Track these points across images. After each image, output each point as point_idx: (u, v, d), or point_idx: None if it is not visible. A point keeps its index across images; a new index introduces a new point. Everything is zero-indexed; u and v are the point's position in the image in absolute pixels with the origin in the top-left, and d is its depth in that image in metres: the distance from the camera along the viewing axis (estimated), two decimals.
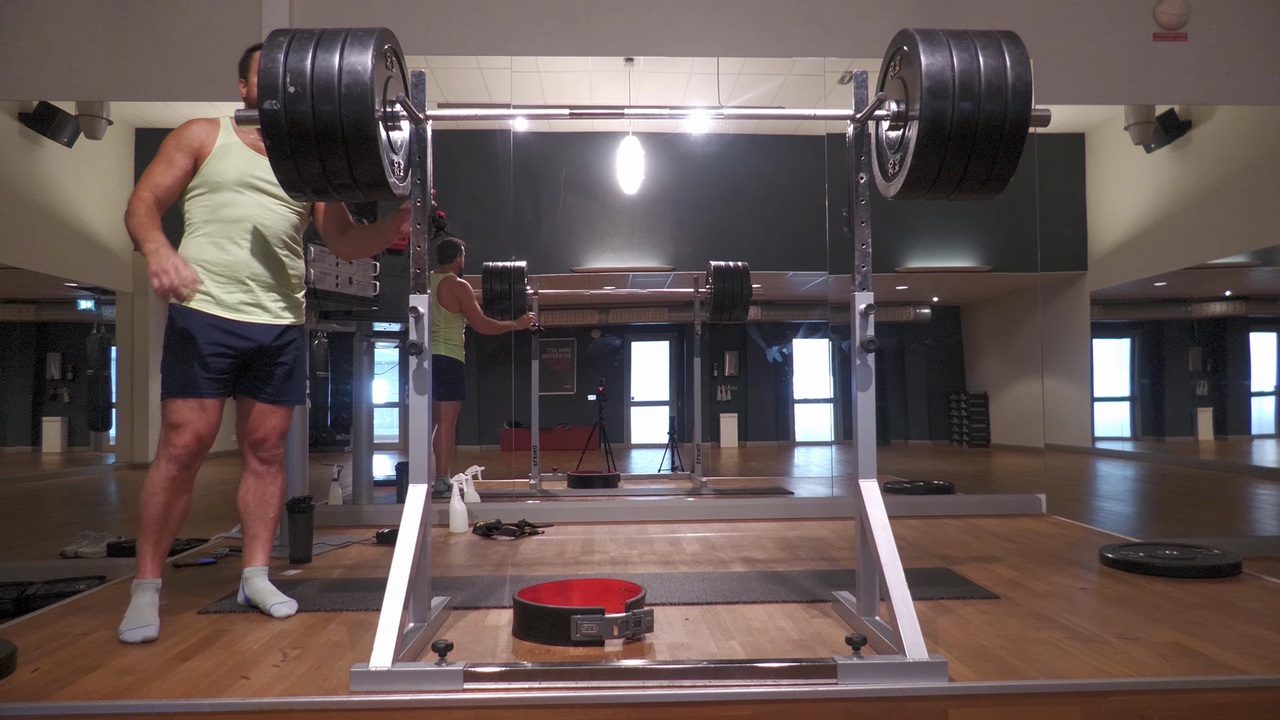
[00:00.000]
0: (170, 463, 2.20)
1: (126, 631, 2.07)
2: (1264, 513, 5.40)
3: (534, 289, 5.20)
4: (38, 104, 4.50)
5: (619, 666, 1.77)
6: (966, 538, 3.45)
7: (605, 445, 6.38)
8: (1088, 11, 4.19)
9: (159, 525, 2.21)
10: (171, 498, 2.21)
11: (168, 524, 2.22)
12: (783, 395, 9.46)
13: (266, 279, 2.35)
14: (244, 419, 2.41)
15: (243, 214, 2.31)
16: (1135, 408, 10.19)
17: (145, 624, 2.09)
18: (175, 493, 2.22)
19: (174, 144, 2.28)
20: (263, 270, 2.34)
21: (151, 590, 2.19)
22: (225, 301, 2.28)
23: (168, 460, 2.20)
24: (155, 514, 2.20)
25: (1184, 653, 1.89)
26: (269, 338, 2.35)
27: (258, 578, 2.40)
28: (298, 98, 1.80)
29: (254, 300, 2.33)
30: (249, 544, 2.43)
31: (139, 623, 2.10)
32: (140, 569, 2.21)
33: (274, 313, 2.37)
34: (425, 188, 2.12)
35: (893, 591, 1.82)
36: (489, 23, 4.10)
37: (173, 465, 2.20)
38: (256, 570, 2.41)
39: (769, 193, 6.09)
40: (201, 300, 2.25)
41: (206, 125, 2.34)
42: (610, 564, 3.02)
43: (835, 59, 4.26)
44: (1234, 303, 9.46)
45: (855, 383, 2.08)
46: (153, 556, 2.21)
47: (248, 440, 2.42)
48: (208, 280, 2.26)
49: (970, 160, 1.89)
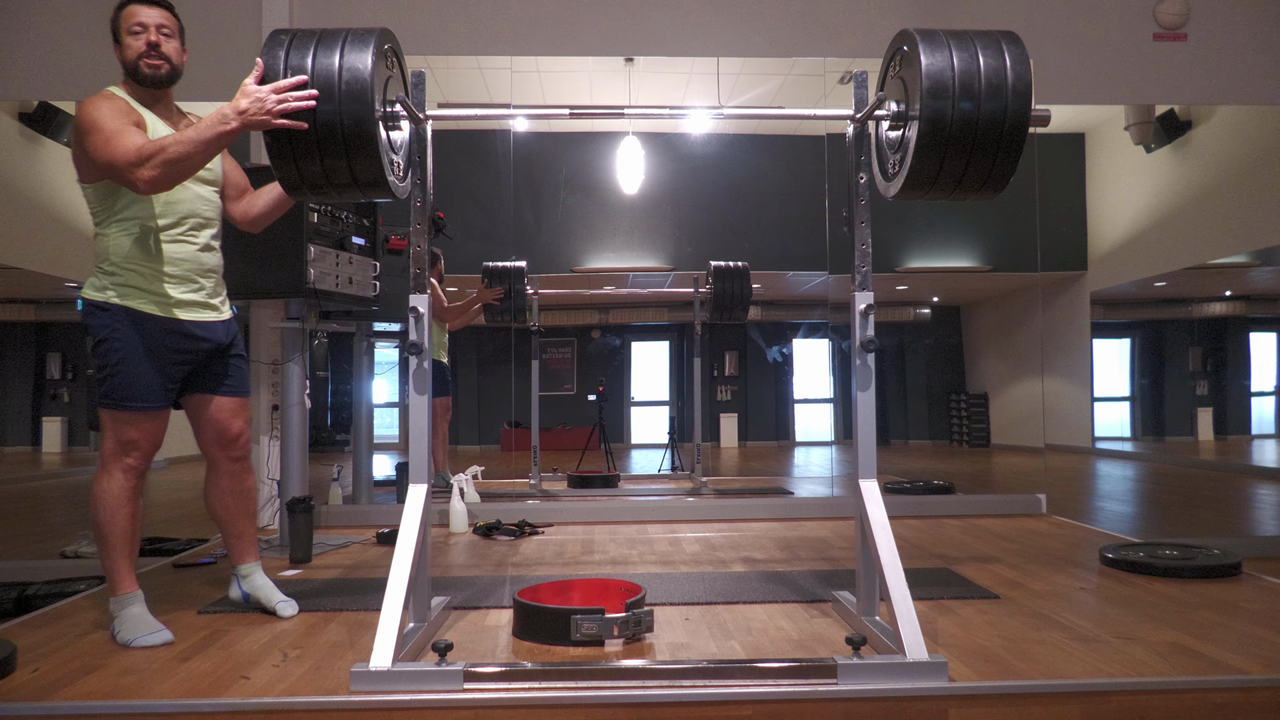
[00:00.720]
0: (127, 474, 2.10)
1: (138, 639, 2.02)
2: (1264, 513, 5.40)
3: (534, 289, 5.20)
4: (38, 104, 4.50)
5: (619, 666, 1.77)
6: (966, 538, 3.45)
7: (605, 445, 6.38)
8: (1088, 11, 4.19)
9: (127, 538, 2.12)
10: (133, 506, 2.12)
11: (135, 535, 2.14)
12: (783, 395, 9.45)
13: (214, 273, 2.26)
14: (208, 420, 2.29)
15: (188, 209, 2.18)
16: (1135, 408, 10.18)
17: (156, 628, 2.06)
18: (135, 501, 2.13)
19: (118, 112, 2.02)
20: (213, 264, 2.25)
21: (139, 602, 2.12)
22: (183, 302, 2.16)
23: (124, 473, 2.10)
24: (124, 527, 2.10)
25: (1184, 653, 1.89)
26: (227, 336, 2.28)
27: (257, 574, 2.37)
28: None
29: (207, 298, 2.23)
30: (237, 541, 2.36)
31: (148, 629, 2.05)
32: (118, 586, 2.11)
33: (221, 310, 2.28)
34: (425, 187, 2.12)
35: (893, 591, 1.82)
36: (489, 23, 4.10)
37: (130, 476, 2.11)
38: (254, 566, 2.38)
39: (769, 193, 6.08)
40: (154, 302, 2.12)
41: (125, 102, 2.10)
42: (610, 564, 3.02)
43: (835, 59, 4.26)
44: (1234, 303, 9.45)
45: (855, 383, 2.08)
46: (128, 570, 2.12)
47: (218, 440, 2.30)
48: (159, 282, 2.12)
49: (970, 160, 1.89)
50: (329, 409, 7.12)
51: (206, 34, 3.90)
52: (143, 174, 1.93)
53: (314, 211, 3.16)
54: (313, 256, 3.11)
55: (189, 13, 3.95)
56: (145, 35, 2.13)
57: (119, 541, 2.11)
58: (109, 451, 2.12)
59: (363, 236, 3.47)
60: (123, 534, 2.11)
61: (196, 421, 2.31)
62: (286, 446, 3.36)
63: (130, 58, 2.14)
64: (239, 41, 3.89)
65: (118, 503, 2.10)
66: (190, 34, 2.28)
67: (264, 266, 3.10)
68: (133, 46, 2.13)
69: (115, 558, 2.11)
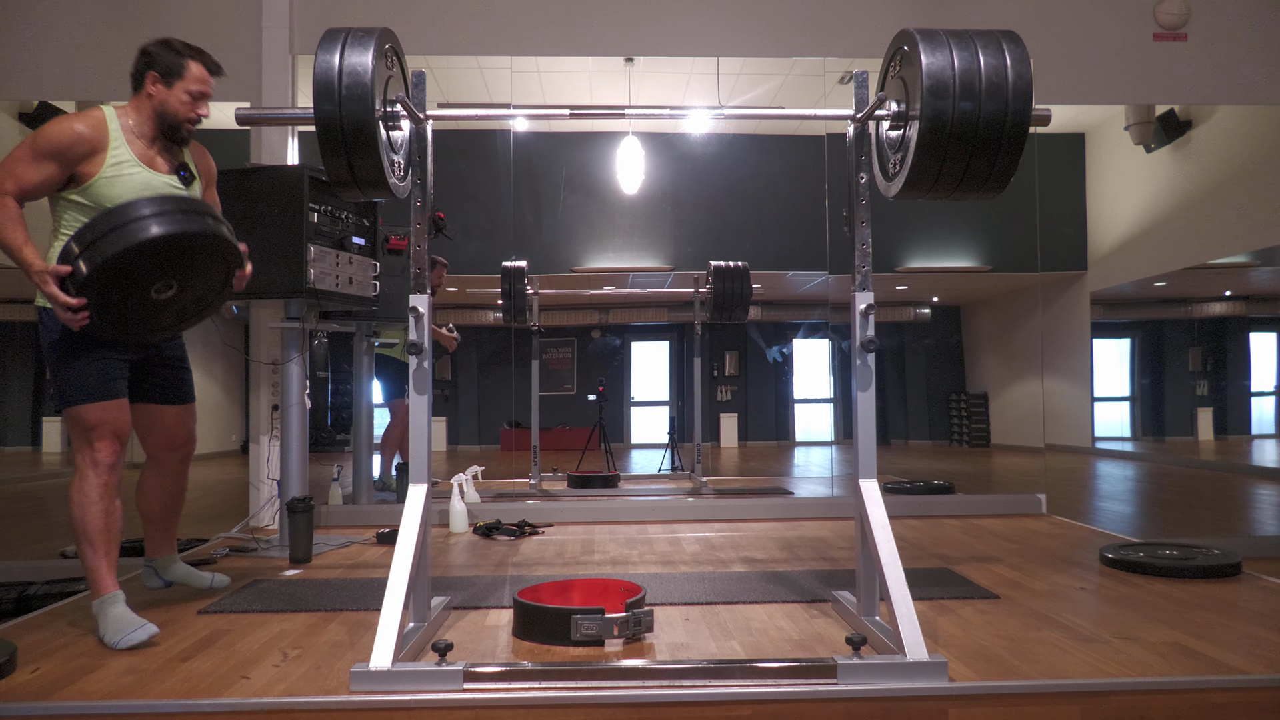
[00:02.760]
0: (97, 472, 2.10)
1: (124, 638, 1.99)
2: (1264, 513, 5.40)
3: (534, 289, 5.20)
4: (38, 104, 4.50)
5: (619, 666, 1.77)
6: (966, 538, 3.45)
7: (605, 445, 6.38)
8: (1088, 11, 4.19)
9: (103, 537, 2.11)
10: (110, 504, 2.12)
11: (114, 533, 2.14)
12: (783, 395, 9.45)
13: None
14: (156, 428, 2.38)
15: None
16: (1135, 408, 10.18)
17: (139, 624, 2.03)
18: (112, 499, 2.13)
19: (48, 147, 2.06)
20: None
21: (119, 602, 2.08)
22: None
23: (94, 469, 2.11)
24: (98, 526, 2.10)
25: (1184, 653, 1.89)
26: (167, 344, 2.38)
27: (177, 564, 2.51)
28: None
29: None
30: (162, 536, 2.49)
31: (131, 626, 2.02)
32: (101, 586, 2.09)
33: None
34: (425, 187, 2.12)
35: (893, 591, 1.82)
36: (489, 23, 4.10)
37: (100, 473, 2.11)
38: (173, 557, 2.52)
39: (769, 193, 6.08)
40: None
41: (91, 132, 2.11)
42: (610, 564, 3.02)
43: (835, 59, 4.26)
44: (1234, 303, 9.46)
45: (855, 383, 2.08)
46: (109, 570, 2.11)
47: (166, 445, 2.40)
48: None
49: (971, 160, 1.89)
50: (329, 409, 7.13)
51: (206, 34, 3.91)
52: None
53: (314, 211, 3.16)
54: (313, 256, 3.11)
55: (189, 12, 3.97)
56: (202, 105, 2.25)
57: (95, 540, 2.10)
58: (76, 451, 2.16)
59: (363, 236, 3.47)
60: (97, 533, 2.10)
61: (145, 429, 2.39)
62: (286, 446, 3.36)
63: (174, 110, 2.21)
64: (239, 41, 3.89)
65: (89, 500, 2.10)
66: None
67: (264, 266, 3.10)
68: (184, 104, 2.22)
69: (91, 557, 2.10)
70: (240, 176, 3.17)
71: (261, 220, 3.12)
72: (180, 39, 2.28)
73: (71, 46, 3.91)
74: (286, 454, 3.36)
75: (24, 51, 3.91)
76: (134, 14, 3.90)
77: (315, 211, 3.16)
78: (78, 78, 3.93)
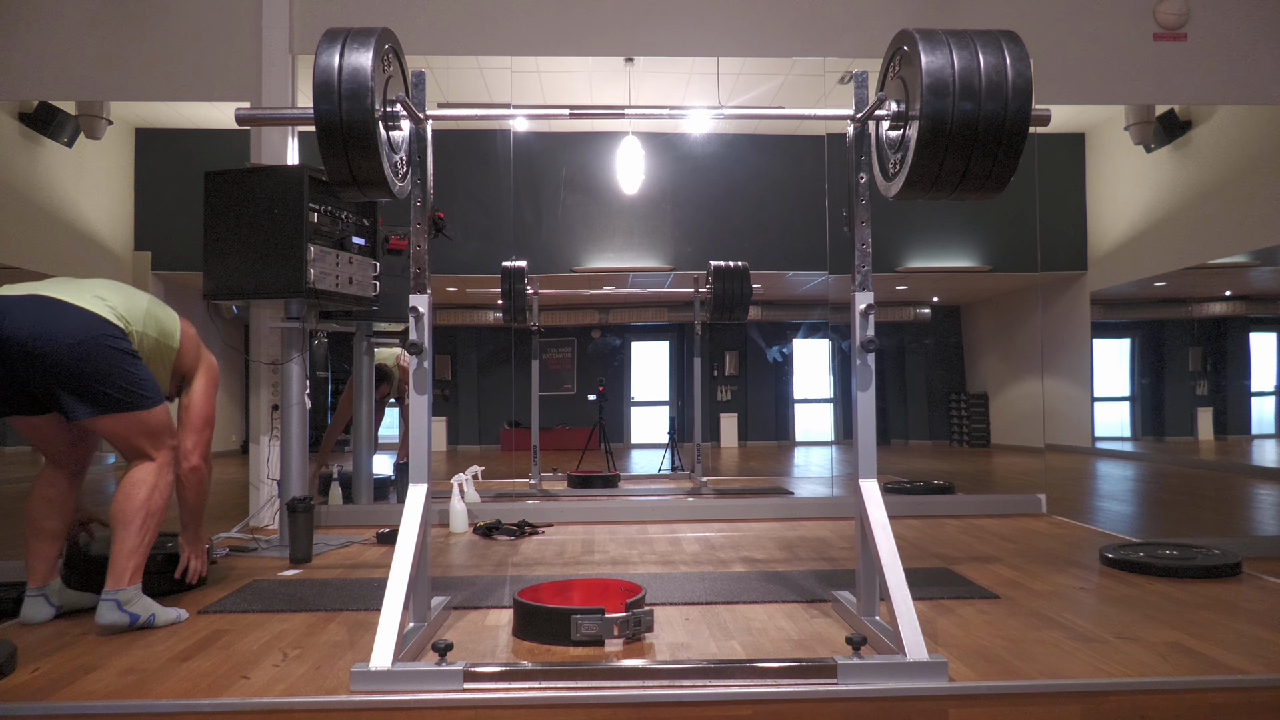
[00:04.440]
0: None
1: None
2: (1264, 513, 5.40)
3: (534, 289, 5.20)
4: (38, 104, 4.50)
5: (619, 666, 1.77)
6: (966, 538, 3.45)
7: (605, 445, 6.38)
8: (1088, 11, 4.19)
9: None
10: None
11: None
12: (783, 395, 9.44)
13: None
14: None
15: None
16: (1135, 408, 10.17)
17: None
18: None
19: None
20: None
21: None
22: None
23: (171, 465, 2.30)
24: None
25: (1184, 653, 1.89)
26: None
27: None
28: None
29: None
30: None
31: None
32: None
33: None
34: (425, 187, 2.12)
35: (893, 591, 1.82)
36: (489, 23, 4.10)
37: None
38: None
39: (769, 193, 6.08)
40: None
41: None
42: (610, 564, 3.02)
43: (835, 59, 4.26)
44: (1234, 303, 9.45)
45: (855, 383, 2.08)
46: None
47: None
48: None
49: (971, 160, 1.89)
50: (329, 409, 7.11)
51: (206, 34, 3.91)
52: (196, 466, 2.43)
53: (314, 211, 3.16)
54: (313, 256, 3.11)
55: (189, 12, 3.97)
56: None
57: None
58: (155, 450, 2.27)
59: (363, 236, 3.47)
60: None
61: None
62: (286, 446, 3.36)
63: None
64: (239, 41, 3.89)
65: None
66: (190, 34, 2.29)
67: (264, 266, 3.11)
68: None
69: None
70: (240, 176, 3.17)
71: (261, 220, 3.12)
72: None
73: (71, 46, 3.91)
74: (286, 454, 3.37)
75: (24, 51, 3.91)
76: (134, 14, 3.90)
77: (315, 211, 3.16)
78: (78, 78, 3.93)
